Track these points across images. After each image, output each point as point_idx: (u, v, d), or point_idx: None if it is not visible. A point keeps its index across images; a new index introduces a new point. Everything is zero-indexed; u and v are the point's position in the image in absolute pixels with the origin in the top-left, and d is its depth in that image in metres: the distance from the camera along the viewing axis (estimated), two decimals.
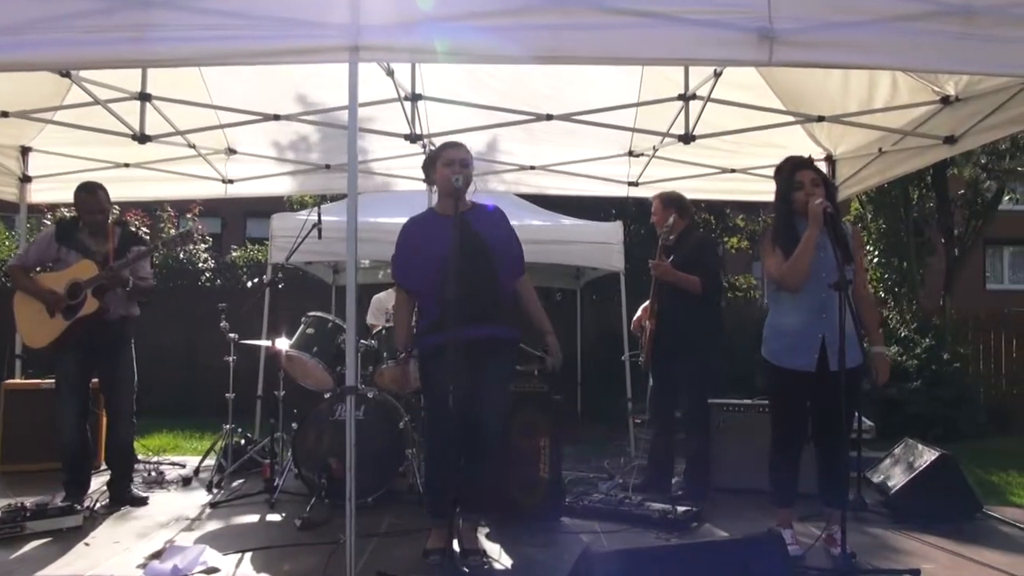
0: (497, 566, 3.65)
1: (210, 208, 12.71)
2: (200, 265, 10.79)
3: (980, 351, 10.46)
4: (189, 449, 7.18)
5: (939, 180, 11.24)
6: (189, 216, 11.33)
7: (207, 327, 9.90)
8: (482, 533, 4.06)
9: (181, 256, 10.50)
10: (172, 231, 11.12)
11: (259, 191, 6.63)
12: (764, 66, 3.25)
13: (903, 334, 9.42)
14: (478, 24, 3.15)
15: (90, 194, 4.65)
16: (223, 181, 6.40)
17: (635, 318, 5.46)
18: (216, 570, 3.51)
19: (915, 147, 5.21)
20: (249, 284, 10.71)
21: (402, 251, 3.80)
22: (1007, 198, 11.97)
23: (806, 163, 3.91)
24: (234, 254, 11.40)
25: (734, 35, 3.11)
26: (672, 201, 5.17)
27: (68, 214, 9.69)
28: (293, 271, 9.11)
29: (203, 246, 10.98)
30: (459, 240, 3.44)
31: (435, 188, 3.81)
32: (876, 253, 11.39)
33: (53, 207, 9.82)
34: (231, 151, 6.10)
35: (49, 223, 9.77)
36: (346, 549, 3.15)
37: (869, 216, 11.36)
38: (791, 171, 3.85)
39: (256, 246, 11.79)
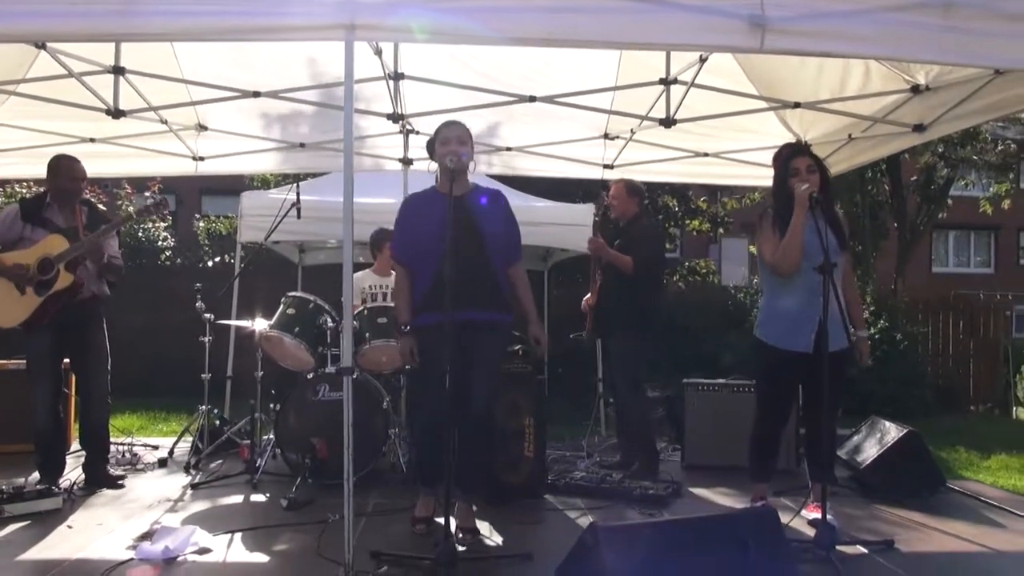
0: (489, 543, 3.71)
1: (167, 185, 12.43)
2: (160, 243, 10.56)
3: (929, 333, 10.85)
4: (156, 431, 7.10)
5: (893, 166, 11.57)
6: (148, 194, 11.04)
7: (168, 306, 9.78)
8: None
9: (140, 234, 10.27)
10: (131, 209, 10.84)
11: (231, 169, 6.50)
12: (754, 53, 3.30)
13: (863, 316, 9.69)
14: (474, 5, 3.15)
15: (71, 160, 4.56)
16: (194, 158, 6.26)
17: (585, 298, 5.56)
18: (208, 550, 3.50)
19: (884, 134, 5.35)
20: (210, 264, 10.56)
21: (399, 225, 3.85)
22: (962, 183, 12.37)
23: (802, 150, 4.03)
24: (200, 224, 11.19)
25: (725, 22, 3.16)
26: (636, 191, 5.34)
27: (22, 191, 9.39)
28: (255, 249, 8.99)
29: (163, 224, 10.75)
30: (453, 221, 3.46)
31: (431, 168, 3.84)
32: None
33: (3, 182, 9.50)
34: (202, 127, 5.95)
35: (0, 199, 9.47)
36: (343, 527, 3.16)
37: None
38: (788, 158, 3.97)
39: (220, 218, 11.58)
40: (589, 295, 5.45)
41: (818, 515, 3.61)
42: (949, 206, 12.83)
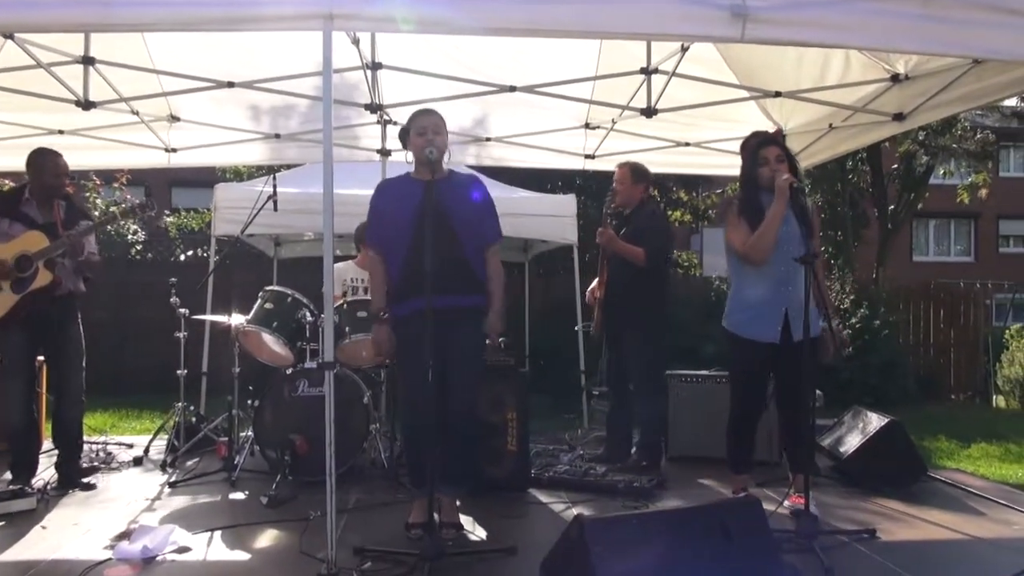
0: (473, 538, 3.76)
1: (135, 177, 12.37)
2: (130, 237, 10.49)
3: (910, 322, 11.02)
4: (129, 429, 7.07)
5: (874, 154, 11.71)
6: (116, 186, 10.95)
7: (137, 302, 9.74)
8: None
9: (109, 229, 10.17)
10: (99, 201, 10.75)
11: (204, 161, 6.49)
12: (735, 43, 3.36)
13: (843, 306, 9.84)
14: None
15: (56, 156, 4.54)
16: (166, 150, 6.23)
17: (589, 289, 5.58)
18: (187, 549, 3.51)
19: (865, 123, 5.44)
20: (182, 257, 10.51)
21: (372, 212, 3.85)
22: (941, 172, 12.55)
23: (771, 139, 4.08)
24: (168, 219, 11.11)
25: (707, 11, 3.20)
26: (643, 175, 5.31)
27: None
28: (227, 242, 8.97)
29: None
30: (423, 209, 3.47)
31: (409, 159, 3.84)
32: None
33: None
34: (174, 118, 5.92)
35: None
36: (325, 524, 3.19)
37: (809, 189, 11.78)
38: (756, 147, 4.01)
39: (191, 212, 11.51)
40: (594, 286, 5.46)
41: (800, 505, 3.69)
42: (927, 197, 13.01)
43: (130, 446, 5.77)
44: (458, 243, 3.66)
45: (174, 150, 6.29)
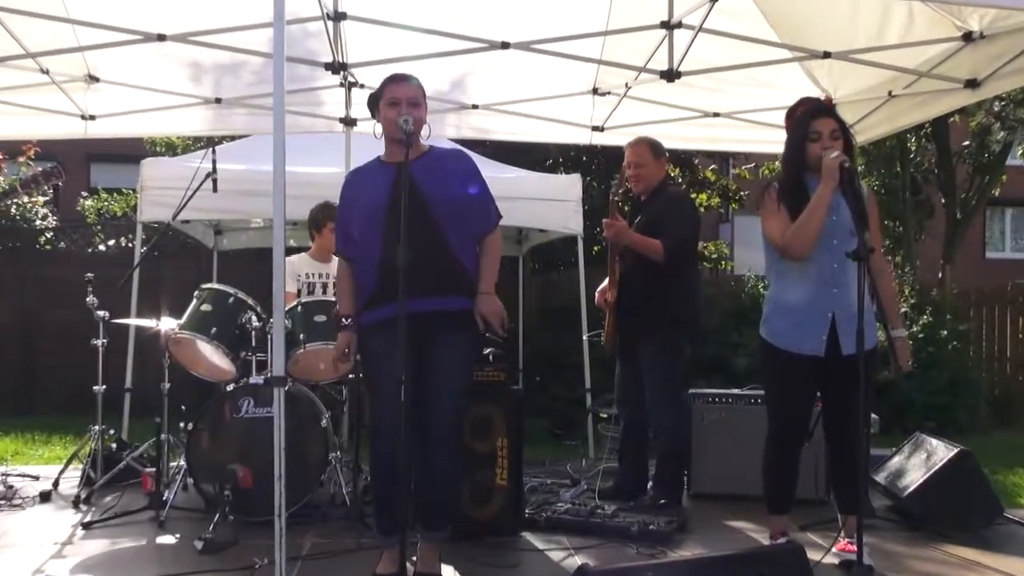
0: None
1: (45, 150, 12.32)
2: (38, 223, 10.45)
3: (983, 331, 11.03)
4: (35, 457, 7.07)
5: (940, 129, 11.73)
6: (22, 160, 10.89)
7: (47, 302, 9.73)
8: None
9: (13, 212, 10.14)
10: (14, 179, 10.70)
11: (129, 130, 6.50)
12: None
13: (902, 309, 9.87)
14: None
15: None
16: (83, 117, 6.21)
17: (599, 291, 5.56)
18: None
19: (930, 91, 5.45)
20: (103, 248, 10.50)
21: (341, 210, 3.85)
22: (1020, 152, 12.58)
23: (825, 110, 4.06)
24: (86, 203, 11.08)
25: None
26: (662, 152, 5.31)
27: None
28: (156, 230, 8.96)
29: (42, 199, 10.63)
30: (395, 194, 3.46)
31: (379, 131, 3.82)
32: None
33: None
34: (92, 79, 5.89)
35: None
36: (273, 574, 3.18)
37: (862, 170, 11.81)
38: (807, 118, 3.99)
39: (114, 195, 11.49)
40: (604, 287, 5.44)
41: (851, 554, 3.68)
42: (1004, 181, 13.04)
43: (36, 478, 5.74)
44: (440, 234, 3.65)
45: (92, 117, 6.27)
